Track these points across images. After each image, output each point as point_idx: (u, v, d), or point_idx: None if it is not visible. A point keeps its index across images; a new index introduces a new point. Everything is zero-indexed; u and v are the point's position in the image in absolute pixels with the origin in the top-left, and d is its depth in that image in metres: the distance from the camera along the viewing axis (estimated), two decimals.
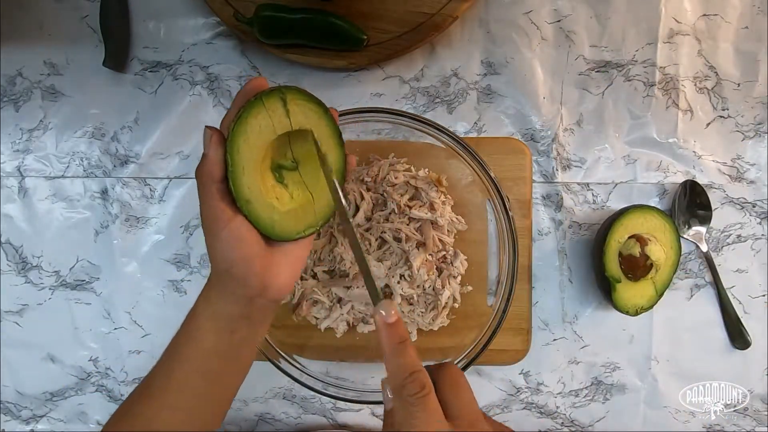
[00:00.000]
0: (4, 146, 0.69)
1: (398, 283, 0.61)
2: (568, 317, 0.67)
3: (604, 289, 0.63)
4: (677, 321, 0.66)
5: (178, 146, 0.68)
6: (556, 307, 0.67)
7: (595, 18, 0.65)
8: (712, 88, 0.66)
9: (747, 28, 0.65)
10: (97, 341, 0.70)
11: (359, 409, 0.69)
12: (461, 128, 0.67)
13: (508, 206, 0.57)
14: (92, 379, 0.70)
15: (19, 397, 0.71)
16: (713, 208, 0.66)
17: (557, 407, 0.68)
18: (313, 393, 0.60)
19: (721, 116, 0.66)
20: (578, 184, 0.66)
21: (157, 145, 0.68)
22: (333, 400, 0.68)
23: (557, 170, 0.66)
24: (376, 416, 0.69)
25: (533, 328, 0.66)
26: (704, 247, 0.66)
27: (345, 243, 0.61)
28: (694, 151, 0.66)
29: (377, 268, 0.61)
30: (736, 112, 0.66)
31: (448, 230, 0.63)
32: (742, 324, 0.66)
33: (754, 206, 0.66)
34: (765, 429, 0.67)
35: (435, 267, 0.62)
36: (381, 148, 0.64)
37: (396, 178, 0.61)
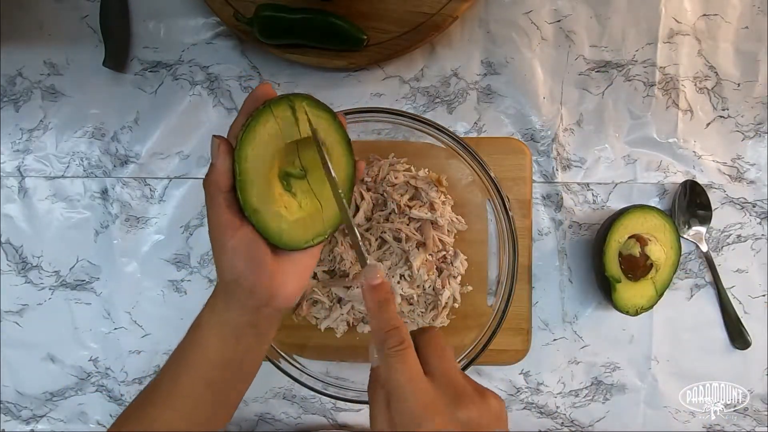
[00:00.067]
0: (4, 146, 0.69)
1: (398, 283, 0.61)
2: (568, 317, 0.67)
3: (604, 289, 0.63)
4: (677, 321, 0.66)
5: (178, 146, 0.68)
6: (556, 307, 0.67)
7: (595, 18, 0.65)
8: (712, 88, 0.66)
9: (747, 28, 0.65)
10: (97, 341, 0.70)
11: (359, 409, 0.69)
12: (461, 128, 0.67)
13: (508, 206, 0.57)
14: (92, 379, 0.70)
15: (19, 397, 0.71)
16: (713, 208, 0.66)
17: (557, 407, 0.68)
18: (313, 393, 0.60)
19: (721, 116, 0.66)
20: (578, 184, 0.66)
21: (157, 145, 0.68)
22: (333, 400, 0.68)
23: (557, 170, 0.66)
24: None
25: (533, 328, 0.66)
26: (704, 247, 0.66)
27: (345, 243, 0.61)
28: (694, 151, 0.66)
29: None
30: (736, 112, 0.66)
31: (448, 230, 0.63)
32: (742, 324, 0.66)
33: (754, 206, 0.66)
34: (765, 429, 0.67)
35: (435, 267, 0.62)
36: (381, 148, 0.64)
37: (396, 178, 0.61)
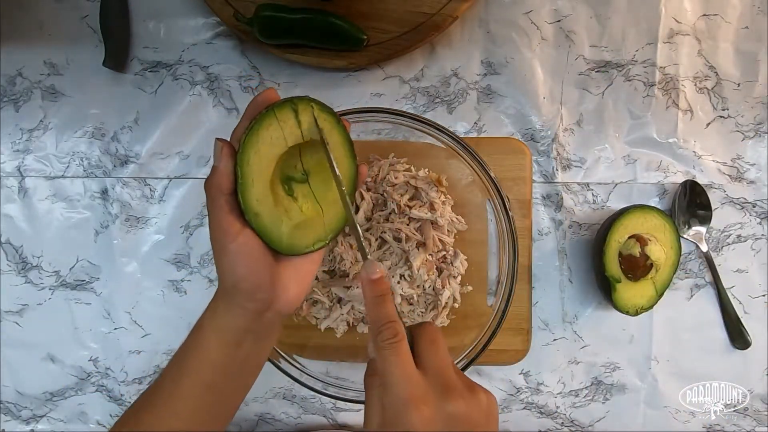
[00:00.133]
0: (4, 146, 0.69)
1: (398, 283, 0.61)
2: (568, 317, 0.67)
3: (604, 289, 0.63)
4: (677, 321, 0.66)
5: (178, 146, 0.68)
6: (556, 307, 0.67)
7: (595, 18, 0.65)
8: (712, 88, 0.66)
9: (747, 28, 0.65)
10: (97, 341, 0.70)
11: (359, 409, 0.69)
12: (461, 128, 0.67)
13: (508, 206, 0.57)
14: (92, 379, 0.70)
15: (19, 397, 0.71)
16: (713, 208, 0.66)
17: (557, 407, 0.68)
18: (313, 393, 0.60)
19: (721, 116, 0.66)
20: (578, 184, 0.66)
21: (157, 145, 0.68)
22: (333, 400, 0.68)
23: (557, 170, 0.66)
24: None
25: (533, 328, 0.66)
26: (704, 247, 0.66)
27: (345, 243, 0.61)
28: (694, 151, 0.66)
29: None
30: (736, 112, 0.66)
31: (448, 230, 0.63)
32: (742, 324, 0.66)
33: (754, 206, 0.66)
34: (765, 429, 0.67)
35: (435, 267, 0.62)
36: (381, 148, 0.64)
37: (396, 178, 0.61)
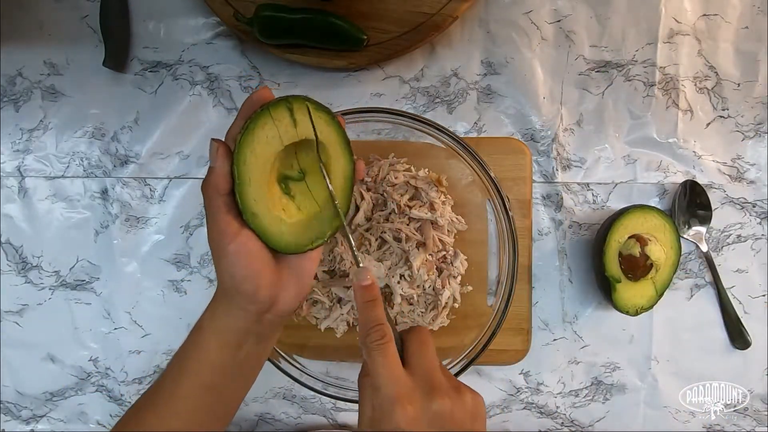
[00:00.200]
0: (4, 146, 0.69)
1: (398, 283, 0.61)
2: (568, 317, 0.67)
3: (604, 289, 0.63)
4: (677, 321, 0.66)
5: (178, 146, 0.68)
6: (556, 307, 0.67)
7: (595, 18, 0.65)
8: (712, 88, 0.66)
9: (747, 28, 0.65)
10: (97, 341, 0.70)
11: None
12: (461, 128, 0.67)
13: (508, 206, 0.57)
14: (92, 379, 0.70)
15: (19, 397, 0.71)
16: (713, 208, 0.66)
17: (557, 407, 0.68)
18: (313, 393, 0.60)
19: (721, 116, 0.66)
20: (578, 184, 0.66)
21: (157, 145, 0.68)
22: (333, 400, 0.68)
23: (557, 170, 0.66)
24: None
25: (533, 328, 0.66)
26: (704, 247, 0.66)
27: (345, 243, 0.61)
28: (694, 151, 0.66)
29: (377, 268, 0.61)
30: (736, 112, 0.66)
31: (448, 230, 0.63)
32: (742, 324, 0.66)
33: (754, 206, 0.66)
34: (765, 429, 0.67)
35: (435, 267, 0.62)
36: (381, 148, 0.64)
37: (396, 178, 0.61)
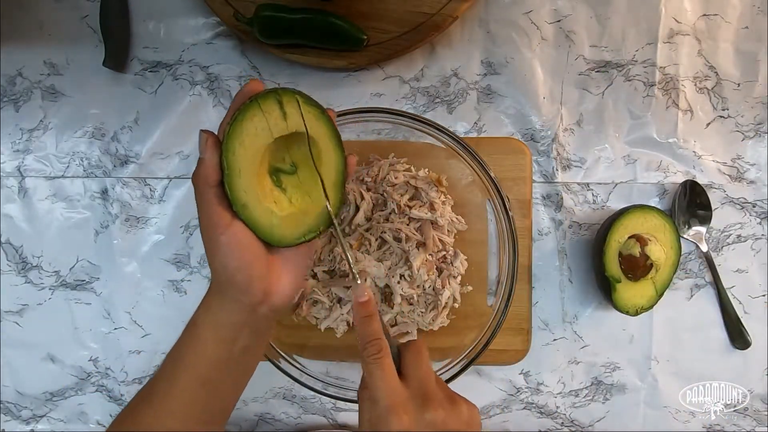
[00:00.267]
0: (4, 146, 0.69)
1: (398, 283, 0.61)
2: (568, 317, 0.67)
3: (604, 289, 0.63)
4: (677, 321, 0.66)
5: (178, 146, 0.68)
6: (556, 307, 0.67)
7: (595, 18, 0.65)
8: (712, 88, 0.66)
9: (747, 28, 0.65)
10: (97, 341, 0.70)
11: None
12: (461, 128, 0.67)
13: (508, 206, 0.57)
14: (92, 379, 0.70)
15: (19, 397, 0.71)
16: (713, 208, 0.66)
17: (557, 407, 0.68)
18: (313, 393, 0.60)
19: (721, 116, 0.66)
20: (578, 184, 0.66)
21: (157, 145, 0.68)
22: (333, 400, 0.68)
23: (557, 170, 0.66)
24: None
25: (533, 328, 0.66)
26: (704, 247, 0.66)
27: (340, 246, 0.61)
28: (694, 151, 0.66)
29: (377, 268, 0.61)
30: (736, 112, 0.66)
31: (448, 230, 0.63)
32: (742, 324, 0.66)
33: (754, 206, 0.66)
34: (765, 429, 0.67)
35: (435, 267, 0.62)
36: (381, 148, 0.64)
37: (396, 178, 0.61)
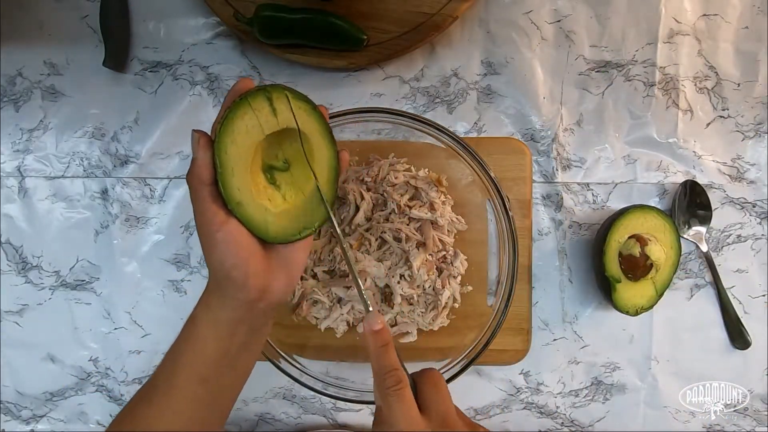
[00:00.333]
0: (4, 146, 0.69)
1: (398, 283, 0.61)
2: (568, 317, 0.67)
3: (604, 289, 0.63)
4: (677, 321, 0.66)
5: (178, 146, 0.68)
6: (556, 307, 0.67)
7: (595, 18, 0.65)
8: (712, 88, 0.66)
9: (747, 28, 0.65)
10: (97, 341, 0.70)
11: (359, 409, 0.69)
12: (461, 128, 0.67)
13: (508, 206, 0.57)
14: (92, 379, 0.70)
15: (19, 397, 0.71)
16: (713, 208, 0.66)
17: (557, 407, 0.68)
18: (313, 393, 0.60)
19: (721, 116, 0.66)
20: (578, 184, 0.66)
21: (157, 145, 0.68)
22: (333, 400, 0.68)
23: (557, 170, 0.66)
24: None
25: (533, 328, 0.66)
26: (704, 247, 0.66)
27: (346, 243, 0.61)
28: (694, 151, 0.66)
29: (377, 268, 0.61)
30: (736, 112, 0.66)
31: (448, 230, 0.63)
32: (742, 324, 0.66)
33: (754, 206, 0.66)
34: (765, 429, 0.67)
35: (435, 267, 0.62)
36: (381, 148, 0.64)
37: (396, 178, 0.61)
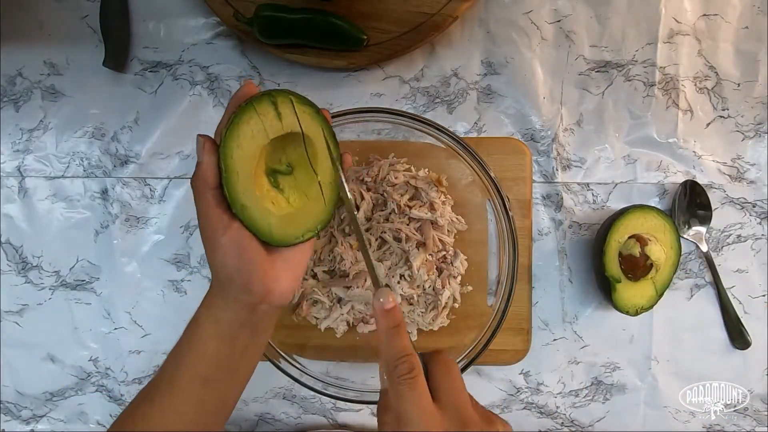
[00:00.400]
0: (4, 146, 0.69)
1: (398, 283, 0.61)
2: (568, 317, 0.67)
3: (604, 289, 0.63)
4: (677, 321, 0.66)
5: (178, 146, 0.68)
6: (556, 307, 0.67)
7: (595, 18, 0.65)
8: (712, 88, 0.66)
9: (747, 28, 0.65)
10: (97, 341, 0.70)
11: (359, 409, 0.69)
12: (461, 128, 0.67)
13: (508, 206, 0.57)
14: (92, 379, 0.70)
15: (19, 397, 0.71)
16: (713, 208, 0.66)
17: (557, 407, 0.68)
18: (313, 393, 0.60)
19: (721, 116, 0.66)
20: (578, 184, 0.66)
21: (157, 145, 0.68)
22: (333, 400, 0.68)
23: (557, 170, 0.66)
24: (376, 416, 0.69)
25: (533, 328, 0.66)
26: (704, 247, 0.66)
27: (345, 243, 0.61)
28: (694, 151, 0.66)
29: (377, 268, 0.61)
30: (736, 112, 0.66)
31: (448, 230, 0.63)
32: (742, 324, 0.66)
33: (754, 206, 0.66)
34: (765, 429, 0.67)
35: (435, 267, 0.62)
36: (381, 148, 0.64)
37: (396, 178, 0.61)
